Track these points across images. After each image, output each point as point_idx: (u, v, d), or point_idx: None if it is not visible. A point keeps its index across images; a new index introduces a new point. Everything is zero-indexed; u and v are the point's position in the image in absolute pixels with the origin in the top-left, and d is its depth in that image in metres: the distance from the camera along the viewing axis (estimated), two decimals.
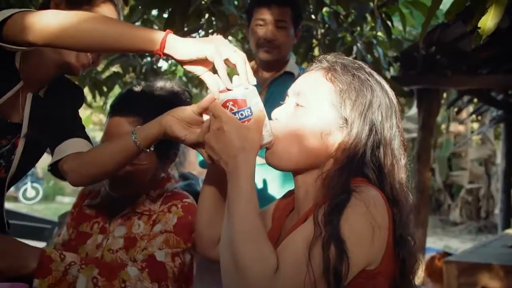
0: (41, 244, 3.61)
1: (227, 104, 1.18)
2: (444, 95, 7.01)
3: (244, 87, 1.19)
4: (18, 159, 1.57)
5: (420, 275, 4.22)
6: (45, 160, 1.83)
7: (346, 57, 1.28)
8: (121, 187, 1.72)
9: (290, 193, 1.38)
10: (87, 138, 1.71)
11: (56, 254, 1.50)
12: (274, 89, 2.37)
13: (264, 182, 2.35)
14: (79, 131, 1.71)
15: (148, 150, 1.46)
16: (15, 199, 13.51)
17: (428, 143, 4.60)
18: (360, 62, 1.27)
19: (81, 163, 1.60)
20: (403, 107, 12.24)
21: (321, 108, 1.20)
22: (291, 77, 2.40)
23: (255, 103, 1.20)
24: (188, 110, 1.33)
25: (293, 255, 1.04)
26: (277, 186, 2.28)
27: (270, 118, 1.25)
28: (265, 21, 2.37)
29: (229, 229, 1.08)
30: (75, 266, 1.49)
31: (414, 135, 6.85)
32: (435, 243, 9.89)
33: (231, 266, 1.06)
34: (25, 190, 13.58)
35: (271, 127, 1.22)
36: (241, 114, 1.18)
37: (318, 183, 1.17)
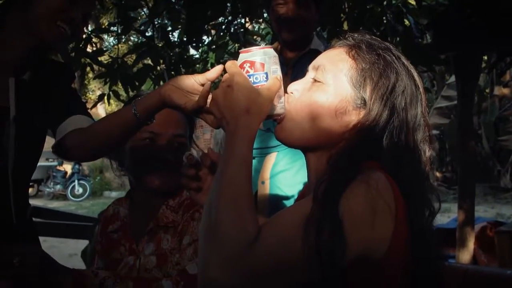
0: (84, 242, 3.65)
1: (244, 65, 1.15)
2: (485, 57, 6.78)
3: (265, 52, 1.15)
4: (14, 145, 1.56)
5: (470, 248, 4.10)
6: None
7: (375, 37, 1.21)
8: (163, 178, 1.68)
9: None
10: (87, 114, 1.71)
11: (88, 271, 1.50)
12: (299, 69, 2.27)
13: (297, 164, 2.30)
14: (78, 108, 1.71)
15: (149, 122, 1.47)
16: (64, 197, 13.87)
17: (469, 111, 4.42)
18: (388, 44, 1.20)
19: (83, 138, 1.61)
20: (444, 74, 11.97)
21: (339, 85, 1.14)
22: (316, 55, 2.33)
23: (273, 70, 1.15)
24: (190, 79, 1.31)
25: (279, 228, 0.98)
26: None
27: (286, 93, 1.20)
28: None
29: (215, 191, 1.02)
30: (110, 280, 1.47)
31: (456, 102, 6.65)
32: (486, 211, 9.70)
33: (208, 228, 1.00)
34: (73, 187, 13.90)
35: (285, 101, 1.17)
36: (256, 78, 1.14)
37: (324, 161, 1.11)
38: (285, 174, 2.34)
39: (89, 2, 1.63)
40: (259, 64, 1.14)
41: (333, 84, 1.14)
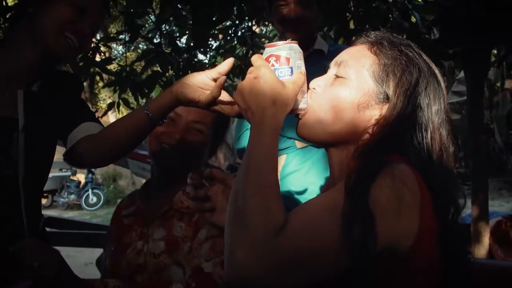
0: (100, 251, 3.67)
1: (270, 59, 1.16)
2: (494, 51, 6.71)
3: (290, 47, 1.17)
4: (23, 156, 1.57)
5: (486, 243, 4.07)
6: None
7: (396, 35, 1.23)
8: (176, 157, 1.69)
9: None
10: (97, 121, 1.72)
11: (98, 281, 1.51)
12: (305, 69, 2.28)
13: (306, 165, 2.30)
14: (87, 116, 1.72)
15: (161, 122, 1.47)
16: (78, 206, 13.92)
17: (479, 105, 4.38)
18: (409, 41, 1.22)
19: (95, 143, 1.62)
20: (453, 69, 11.88)
21: (361, 80, 1.16)
22: (321, 55, 2.33)
23: (298, 65, 1.17)
24: (201, 75, 1.33)
25: (306, 218, 0.99)
26: (320, 168, 2.23)
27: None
28: (286, 0, 2.30)
29: (242, 180, 1.03)
30: None
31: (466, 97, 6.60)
32: (502, 205, 9.63)
33: (235, 217, 1.00)
34: (87, 197, 13.94)
35: (308, 96, 1.19)
36: (281, 72, 1.15)
37: (350, 155, 1.12)
38: (295, 175, 2.34)
39: (97, 14, 1.64)
40: (284, 58, 1.16)
41: (356, 79, 1.16)
